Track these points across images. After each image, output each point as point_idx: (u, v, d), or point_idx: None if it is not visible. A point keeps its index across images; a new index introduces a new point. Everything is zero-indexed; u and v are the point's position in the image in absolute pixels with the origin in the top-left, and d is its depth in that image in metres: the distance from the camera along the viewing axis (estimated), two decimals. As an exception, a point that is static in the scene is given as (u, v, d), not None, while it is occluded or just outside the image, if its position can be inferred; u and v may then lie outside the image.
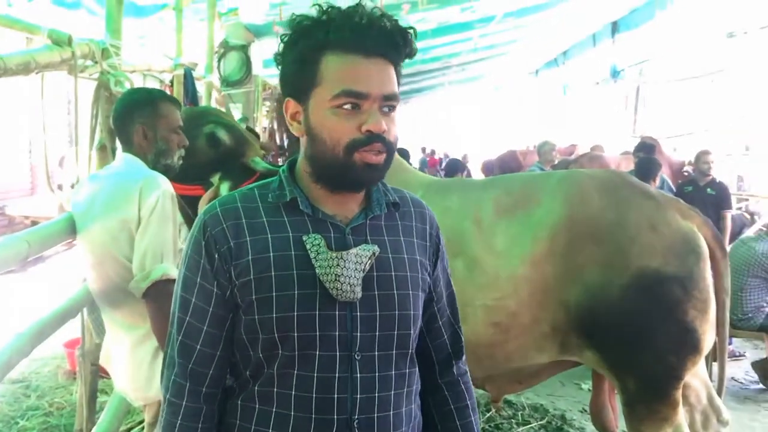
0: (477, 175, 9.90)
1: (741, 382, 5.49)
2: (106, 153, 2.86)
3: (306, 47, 1.25)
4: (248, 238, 1.28)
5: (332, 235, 1.30)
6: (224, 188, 3.05)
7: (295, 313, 1.25)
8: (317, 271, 1.25)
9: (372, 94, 1.23)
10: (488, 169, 11.08)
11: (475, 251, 2.58)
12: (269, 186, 1.35)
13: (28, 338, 2.11)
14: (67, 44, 2.52)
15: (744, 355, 6.00)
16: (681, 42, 10.91)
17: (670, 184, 7.65)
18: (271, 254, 1.27)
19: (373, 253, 1.29)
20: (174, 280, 1.82)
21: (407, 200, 1.46)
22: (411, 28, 1.29)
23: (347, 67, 1.23)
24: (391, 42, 1.25)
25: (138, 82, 4.63)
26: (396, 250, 1.36)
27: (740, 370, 5.69)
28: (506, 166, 9.00)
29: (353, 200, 1.35)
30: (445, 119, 29.26)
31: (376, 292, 1.30)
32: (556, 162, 9.47)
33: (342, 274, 1.24)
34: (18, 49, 2.32)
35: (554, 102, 17.41)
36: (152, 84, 4.85)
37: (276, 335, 1.25)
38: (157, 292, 2.13)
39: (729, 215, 6.69)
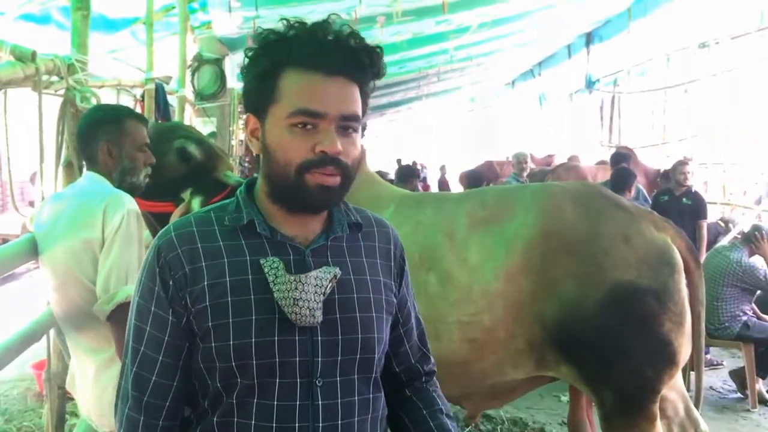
0: (455, 185, 9.89)
1: (719, 392, 5.50)
2: (72, 170, 2.80)
3: (267, 63, 1.22)
4: (204, 263, 1.24)
5: (291, 257, 1.26)
6: (195, 203, 2.99)
7: (253, 340, 1.20)
8: (275, 295, 1.20)
9: (329, 114, 1.19)
10: (466, 180, 11.08)
11: (449, 266, 2.54)
12: (226, 208, 1.31)
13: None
14: (31, 60, 2.46)
15: (722, 364, 6.02)
16: (654, 52, 11.01)
17: (645, 194, 7.70)
18: (228, 279, 1.22)
19: (335, 276, 1.24)
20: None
21: (370, 220, 1.43)
22: (378, 47, 1.26)
23: (305, 85, 1.20)
24: (354, 61, 1.22)
25: (110, 98, 4.57)
26: (358, 271, 1.33)
27: (718, 380, 5.71)
28: (483, 176, 9.01)
29: (313, 221, 1.32)
30: (422, 131, 29.30)
31: (337, 316, 1.26)
32: (531, 171, 9.51)
33: (301, 298, 1.19)
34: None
35: (531, 113, 17.50)
36: (125, 99, 4.79)
37: (234, 363, 1.20)
38: (122, 315, 2.06)
39: (705, 225, 6.72)
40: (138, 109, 4.47)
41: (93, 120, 2.37)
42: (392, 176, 16.74)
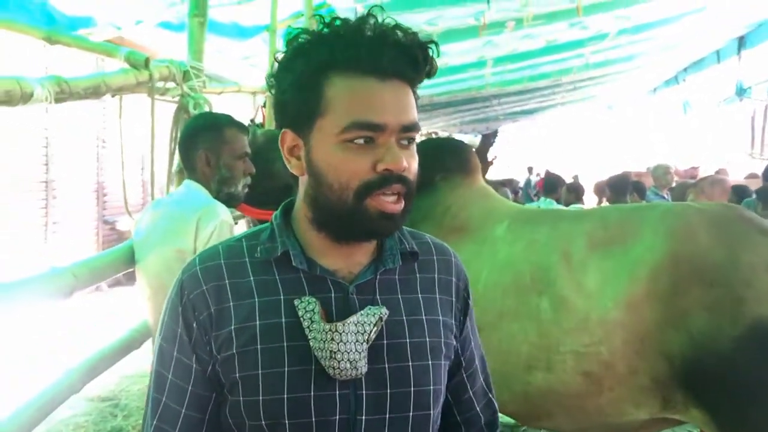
0: (589, 196, 9.45)
1: None
2: (183, 177, 2.81)
3: (306, 69, 1.05)
4: (231, 303, 1.07)
5: (333, 295, 1.09)
6: None
7: (285, 396, 1.04)
8: (311, 344, 1.04)
9: (389, 126, 1.02)
10: (600, 190, 10.56)
11: (563, 290, 2.33)
12: (260, 236, 1.14)
13: (78, 374, 2.04)
14: (144, 66, 2.49)
15: None
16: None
17: (800, 212, 6.99)
18: (258, 323, 1.06)
19: (380, 318, 1.06)
20: None
21: (429, 247, 1.24)
22: (432, 40, 1.07)
23: (358, 92, 1.03)
24: (409, 59, 1.05)
25: (232, 104, 4.65)
26: (412, 310, 1.14)
27: None
28: (615, 188, 8.50)
29: (361, 251, 1.14)
30: (556, 139, 28.51)
31: (386, 365, 1.09)
32: (673, 185, 8.91)
33: (339, 350, 1.02)
34: (89, 73, 2.29)
35: (673, 122, 16.54)
36: (247, 105, 4.87)
37: (264, 422, 1.04)
38: None
39: None
40: (260, 116, 4.52)
41: (192, 128, 2.37)
42: (522, 184, 16.42)
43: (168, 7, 5.03)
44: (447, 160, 2.90)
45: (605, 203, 8.49)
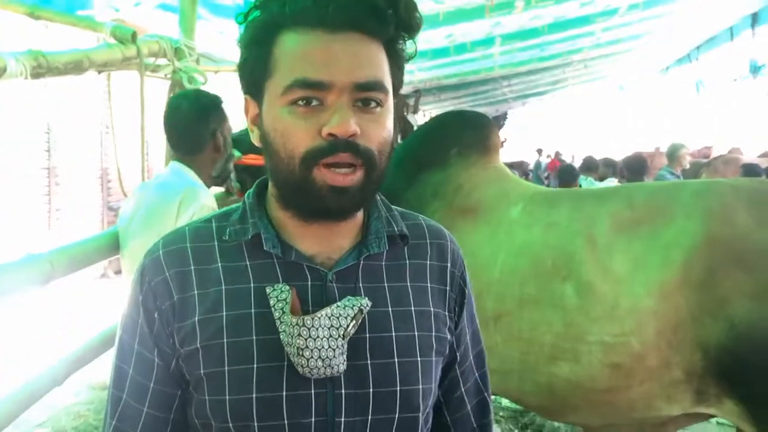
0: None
1: None
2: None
3: (259, 25, 0.93)
4: (196, 292, 0.96)
5: (309, 283, 0.96)
6: None
7: (254, 395, 0.92)
8: (281, 338, 0.91)
9: (336, 84, 0.88)
10: (626, 167, 10.39)
11: (589, 275, 2.15)
12: (230, 217, 1.02)
13: (62, 366, 1.91)
14: (131, 41, 2.32)
15: None
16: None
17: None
18: (225, 313, 0.94)
19: (360, 310, 0.93)
20: None
21: (421, 229, 1.09)
22: None
23: (303, 48, 0.89)
24: (368, 8, 0.90)
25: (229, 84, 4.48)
26: (400, 300, 1.01)
27: None
28: (632, 168, 8.31)
29: (341, 233, 1.01)
30: (567, 120, 28.26)
31: (369, 362, 0.96)
32: (688, 166, 8.72)
33: (306, 347, 0.89)
34: (70, 48, 2.13)
35: (686, 101, 16.30)
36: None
37: (231, 424, 0.92)
38: None
39: None
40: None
41: (202, 105, 2.26)
42: (531, 167, 16.24)
43: (167, -13, 4.88)
44: (465, 135, 2.68)
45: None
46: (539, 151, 18.46)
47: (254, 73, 0.95)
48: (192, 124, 2.24)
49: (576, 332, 2.14)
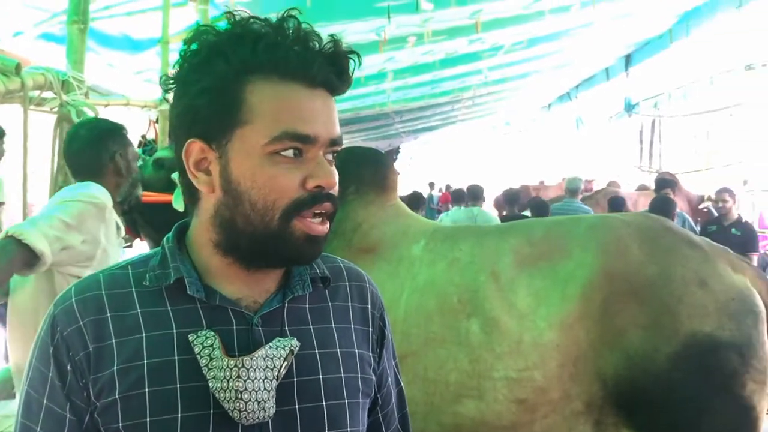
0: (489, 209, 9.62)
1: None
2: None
3: (224, 70, 0.91)
4: (114, 340, 0.91)
5: (234, 327, 0.94)
6: None
7: None
8: (211, 384, 0.89)
9: (320, 138, 0.92)
10: (499, 204, 10.77)
11: (494, 311, 2.16)
12: (148, 263, 0.98)
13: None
14: (15, 73, 2.21)
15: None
16: (697, 75, 10.65)
17: (692, 223, 7.32)
18: (146, 361, 0.90)
19: (291, 351, 0.93)
20: (23, 244, 1.66)
21: (340, 271, 1.11)
22: (355, 51, 0.97)
23: (288, 100, 0.91)
24: (337, 69, 0.95)
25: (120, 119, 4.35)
26: (325, 342, 1.01)
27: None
28: (514, 200, 8.71)
29: (270, 277, 1.00)
30: (457, 154, 29.02)
31: (297, 406, 0.95)
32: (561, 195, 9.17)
33: (246, 389, 0.88)
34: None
35: (567, 136, 17.14)
36: (139, 120, 4.58)
37: None
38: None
39: (756, 257, 6.29)
40: (152, 132, 4.25)
41: (101, 130, 2.24)
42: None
43: (50, 17, 4.68)
44: (363, 173, 2.65)
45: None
46: (431, 185, 18.82)
47: (215, 119, 0.92)
48: (90, 147, 2.21)
49: (481, 369, 2.14)
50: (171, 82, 0.96)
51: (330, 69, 0.93)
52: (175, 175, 2.65)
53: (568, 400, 2.10)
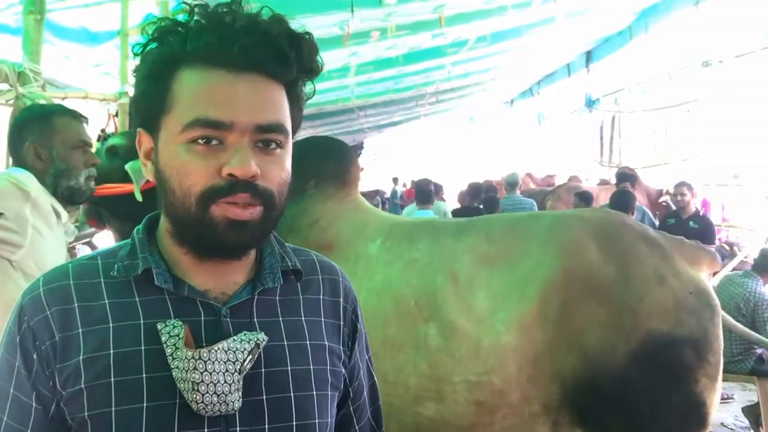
0: (453, 205, 9.69)
1: (731, 428, 5.16)
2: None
3: (158, 59, 0.92)
4: (81, 330, 0.92)
5: (203, 318, 0.95)
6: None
7: None
8: (174, 374, 0.89)
9: (238, 124, 0.89)
10: (463, 198, 10.86)
11: (452, 315, 2.13)
12: (118, 253, 0.99)
13: None
14: (-34, 66, 2.17)
15: (732, 398, 5.70)
16: (656, 71, 10.84)
17: (651, 216, 7.46)
18: (112, 351, 0.91)
19: (257, 345, 0.92)
20: None
21: (314, 265, 1.11)
22: (306, 33, 0.94)
23: (204, 86, 0.90)
24: (272, 50, 0.91)
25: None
26: (295, 335, 1.01)
27: (729, 415, 5.39)
28: (475, 193, 8.84)
29: (235, 269, 1.00)
30: (421, 149, 29.08)
31: (264, 397, 0.95)
32: (531, 191, 9.29)
33: (203, 381, 0.88)
34: None
35: (530, 132, 17.30)
36: (98, 113, 4.51)
37: None
38: None
39: (713, 249, 6.43)
40: (111, 125, 4.18)
41: (19, 120, 2.18)
42: (388, 195, 16.56)
43: (5, 8, 4.58)
44: (325, 166, 2.58)
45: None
46: (395, 180, 18.84)
47: (150, 107, 0.93)
48: (10, 140, 2.18)
49: (441, 373, 2.11)
50: (133, 72, 0.97)
51: (262, 51, 0.90)
52: (128, 166, 2.60)
53: (526, 402, 2.09)
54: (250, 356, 0.92)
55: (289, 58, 0.93)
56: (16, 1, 4.36)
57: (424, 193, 7.22)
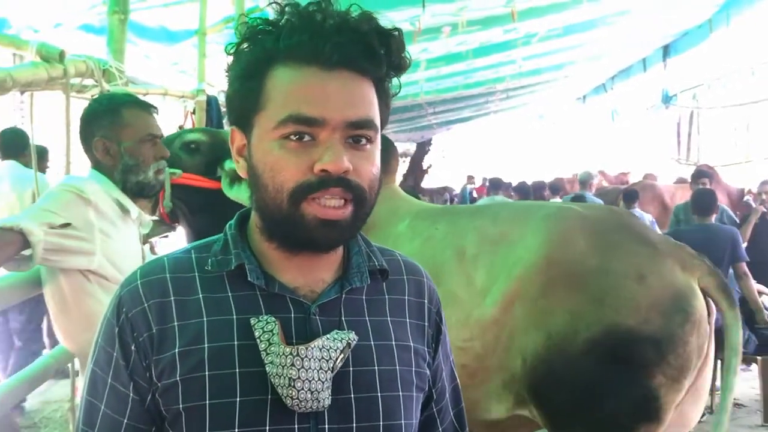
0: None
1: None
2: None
3: (250, 58, 0.94)
4: (176, 323, 0.94)
5: (293, 315, 0.96)
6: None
7: (237, 430, 0.91)
8: (268, 369, 0.91)
9: (330, 121, 0.90)
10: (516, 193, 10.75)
11: (455, 285, 2.36)
12: (211, 248, 1.01)
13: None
14: (58, 60, 2.26)
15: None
16: (738, 65, 10.42)
17: (731, 214, 7.20)
18: (207, 345, 0.93)
19: (348, 344, 0.94)
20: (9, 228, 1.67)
21: (399, 265, 1.11)
22: (396, 29, 0.95)
23: (297, 83, 0.91)
24: (362, 47, 0.92)
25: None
26: (381, 335, 1.02)
27: None
28: (531, 191, 8.76)
29: (323, 265, 1.01)
30: (491, 146, 28.84)
31: (352, 396, 0.96)
32: (604, 189, 9.09)
33: (299, 378, 0.89)
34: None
35: (602, 129, 16.92)
36: (176, 111, 4.64)
37: None
38: None
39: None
40: (189, 123, 4.29)
41: (87, 114, 2.14)
42: (456, 192, 16.46)
43: (89, 8, 4.75)
44: None
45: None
46: (470, 178, 18.63)
47: (244, 106, 0.95)
48: (81, 134, 2.17)
49: None
50: (226, 74, 0.99)
51: (352, 48, 0.91)
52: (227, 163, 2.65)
53: (499, 370, 2.26)
54: (342, 355, 0.93)
55: (378, 54, 0.94)
56: (99, 1, 4.53)
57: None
